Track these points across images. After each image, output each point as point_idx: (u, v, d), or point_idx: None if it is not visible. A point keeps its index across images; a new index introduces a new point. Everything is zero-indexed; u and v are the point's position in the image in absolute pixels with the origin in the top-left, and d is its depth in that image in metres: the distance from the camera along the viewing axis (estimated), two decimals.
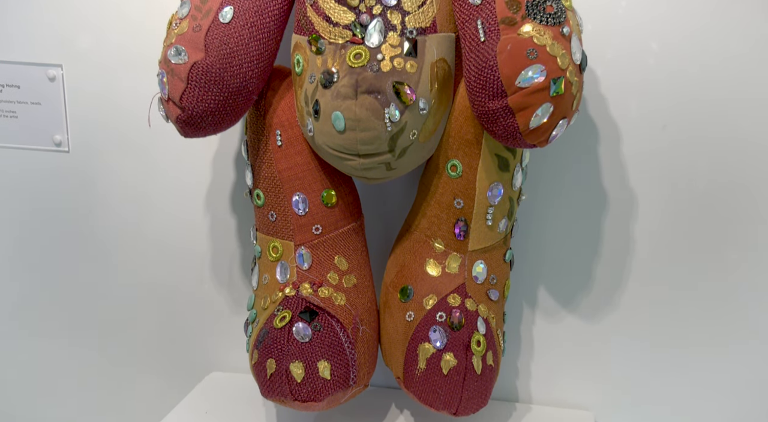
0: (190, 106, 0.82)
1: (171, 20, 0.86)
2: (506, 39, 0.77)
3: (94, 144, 1.12)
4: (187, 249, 1.15)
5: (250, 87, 0.85)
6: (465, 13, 0.81)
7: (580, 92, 0.80)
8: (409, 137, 0.83)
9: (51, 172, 1.14)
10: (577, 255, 1.07)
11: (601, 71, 1.00)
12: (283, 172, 0.90)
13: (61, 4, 1.07)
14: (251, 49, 0.84)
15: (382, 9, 0.81)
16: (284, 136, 0.90)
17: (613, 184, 1.04)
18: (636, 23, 0.98)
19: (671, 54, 0.99)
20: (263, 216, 0.94)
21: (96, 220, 1.16)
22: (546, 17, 0.77)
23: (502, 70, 0.77)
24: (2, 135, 1.13)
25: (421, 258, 0.93)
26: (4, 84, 1.11)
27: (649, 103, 1.01)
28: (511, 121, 0.78)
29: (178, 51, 0.82)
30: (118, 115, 1.10)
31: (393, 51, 0.81)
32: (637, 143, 1.02)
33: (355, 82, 0.80)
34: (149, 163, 1.12)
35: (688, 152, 1.02)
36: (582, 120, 1.01)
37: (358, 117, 0.81)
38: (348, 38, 0.81)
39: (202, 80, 0.82)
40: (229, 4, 0.83)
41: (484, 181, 0.88)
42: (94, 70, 1.09)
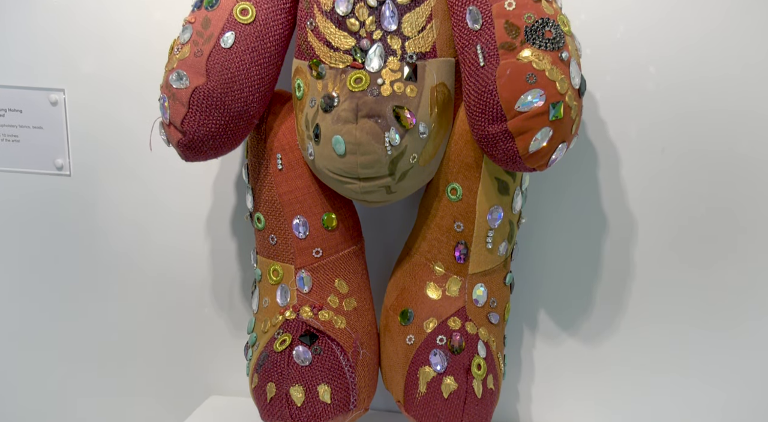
0: (191, 131, 0.83)
1: (173, 45, 0.87)
2: (505, 64, 0.78)
3: (96, 167, 1.12)
4: (187, 272, 1.15)
5: (251, 111, 0.86)
6: (464, 38, 0.82)
7: (579, 116, 0.81)
8: (409, 161, 0.84)
9: (52, 196, 1.14)
10: (577, 278, 1.07)
11: (600, 95, 1.01)
12: (283, 196, 0.91)
13: (63, 29, 1.07)
14: (252, 73, 0.84)
15: (382, 34, 0.81)
16: (285, 160, 0.90)
17: (613, 207, 1.04)
18: (634, 48, 0.99)
19: (669, 78, 0.99)
20: (264, 240, 0.94)
21: (97, 243, 1.16)
22: (545, 42, 0.78)
23: (502, 94, 0.77)
24: (4, 159, 1.14)
25: (422, 282, 0.93)
26: (6, 108, 1.11)
27: (648, 127, 1.01)
28: (510, 145, 0.78)
29: (180, 76, 0.82)
30: (120, 138, 1.10)
31: (393, 75, 0.81)
32: (636, 166, 1.03)
33: (355, 107, 0.81)
34: (150, 187, 1.12)
35: (687, 175, 1.02)
36: (581, 143, 1.02)
37: (359, 141, 0.81)
38: (348, 63, 0.82)
39: (204, 105, 0.82)
40: (231, 29, 0.83)
41: (484, 205, 0.88)
42: (95, 95, 1.09)
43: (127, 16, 1.06)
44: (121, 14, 1.06)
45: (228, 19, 0.83)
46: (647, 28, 0.99)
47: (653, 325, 1.07)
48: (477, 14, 0.80)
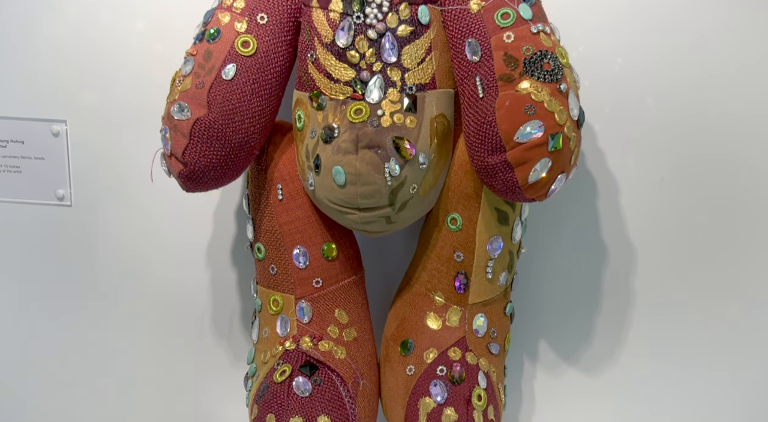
0: (192, 162, 0.83)
1: (174, 77, 0.88)
2: (504, 95, 0.78)
3: (97, 198, 1.13)
4: (187, 302, 1.15)
5: (251, 142, 0.86)
6: (464, 70, 0.83)
7: (578, 147, 0.81)
8: (409, 191, 0.84)
9: (53, 226, 1.14)
10: (577, 308, 1.07)
11: (599, 126, 1.01)
12: (284, 226, 0.91)
13: (65, 61, 1.08)
14: (253, 105, 0.85)
15: (382, 66, 0.82)
16: (285, 190, 0.91)
17: (613, 237, 1.04)
18: (632, 80, 1.00)
19: (668, 109, 1.00)
20: (264, 270, 0.94)
21: (97, 273, 1.16)
22: (543, 74, 0.78)
23: (501, 125, 0.78)
24: (6, 190, 1.14)
25: (422, 312, 0.93)
26: (8, 139, 1.12)
27: (647, 157, 1.02)
28: (510, 175, 0.79)
29: (181, 107, 0.83)
30: (121, 169, 1.11)
31: (393, 107, 0.82)
32: (635, 196, 1.03)
33: (355, 137, 0.81)
34: (151, 217, 1.12)
35: (686, 205, 1.02)
36: (580, 173, 1.02)
37: (359, 171, 0.81)
38: (349, 94, 0.83)
39: (205, 136, 0.83)
40: (232, 61, 0.84)
41: (484, 235, 0.88)
42: (97, 126, 1.10)
43: (129, 48, 1.06)
44: (124, 46, 1.07)
45: (229, 52, 0.84)
46: (645, 61, 0.99)
47: (654, 355, 1.07)
48: (476, 46, 0.81)
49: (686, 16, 0.98)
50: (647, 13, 0.99)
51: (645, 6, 0.98)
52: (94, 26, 1.07)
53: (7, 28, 1.08)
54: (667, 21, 0.99)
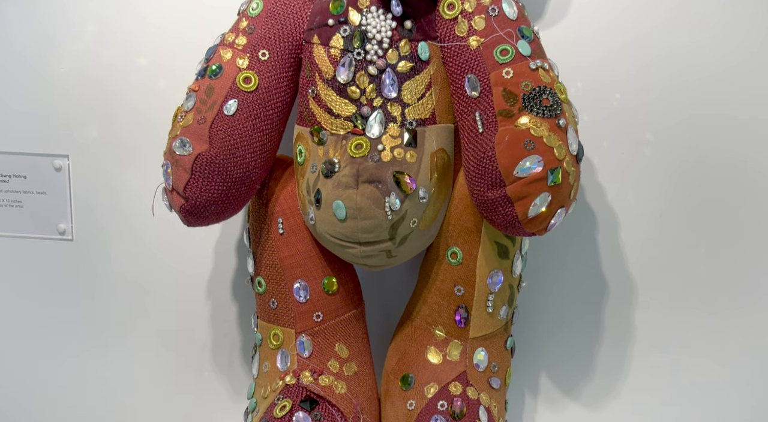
0: (193, 196, 0.84)
1: (176, 113, 0.88)
2: (504, 130, 0.79)
3: (98, 232, 1.13)
4: (187, 336, 1.15)
5: (252, 177, 0.87)
6: (463, 105, 0.84)
7: (577, 182, 0.82)
8: (410, 225, 0.84)
9: (54, 261, 1.15)
10: (578, 342, 1.07)
11: (598, 160, 1.02)
12: (284, 260, 0.91)
13: (68, 96, 1.09)
14: (254, 140, 0.85)
15: (382, 101, 0.83)
16: (286, 224, 0.91)
17: (613, 271, 1.04)
18: (631, 115, 1.01)
19: (666, 144, 1.01)
20: (264, 304, 0.94)
21: (97, 307, 1.15)
22: (542, 110, 0.79)
23: (500, 160, 0.78)
24: (7, 224, 1.14)
25: (422, 346, 0.93)
26: (10, 174, 1.12)
27: (646, 191, 1.02)
28: (509, 210, 0.79)
29: (183, 143, 0.83)
30: (122, 203, 1.11)
31: (393, 141, 0.82)
32: (635, 231, 1.03)
33: (356, 172, 0.82)
34: (151, 251, 1.12)
35: (686, 240, 1.02)
36: (580, 208, 1.03)
37: (359, 206, 0.82)
38: (349, 129, 0.83)
39: (206, 171, 0.83)
40: (234, 97, 0.85)
41: (484, 268, 0.89)
42: (99, 160, 1.10)
43: (132, 84, 1.07)
44: (126, 82, 1.07)
45: (231, 87, 0.85)
46: (643, 96, 1.00)
47: (655, 390, 1.06)
48: (475, 82, 0.82)
49: (684, 52, 0.99)
50: (645, 49, 1.00)
51: (643, 42, 0.99)
52: (96, 62, 1.07)
53: (10, 64, 1.09)
54: (665, 57, 0.99)
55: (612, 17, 0.99)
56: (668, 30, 0.99)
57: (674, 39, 0.99)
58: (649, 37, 0.99)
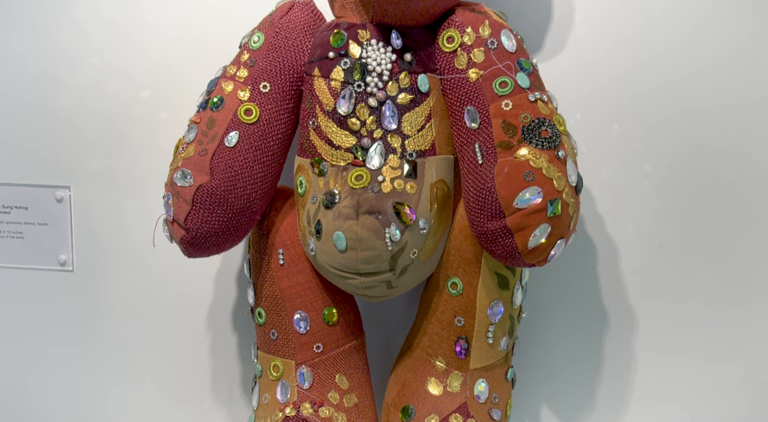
0: (194, 228, 0.84)
1: (178, 144, 0.89)
2: (503, 162, 0.79)
3: (98, 263, 1.13)
4: (187, 367, 1.14)
5: (253, 208, 0.87)
6: (463, 137, 0.84)
7: (576, 213, 0.82)
8: (410, 256, 0.84)
9: (55, 292, 1.15)
10: (579, 373, 1.07)
11: (597, 191, 1.02)
12: (285, 291, 0.91)
13: (70, 127, 1.09)
14: (255, 171, 0.86)
15: (382, 133, 0.83)
16: (286, 255, 0.91)
17: (613, 302, 1.04)
18: (629, 146, 1.01)
19: (665, 175, 1.01)
20: (264, 335, 0.94)
21: (97, 338, 1.15)
22: (541, 141, 0.79)
23: (500, 191, 0.78)
24: (8, 256, 1.14)
25: (423, 377, 0.93)
26: (12, 205, 1.13)
27: (646, 223, 1.02)
28: (509, 241, 0.79)
29: (184, 174, 0.84)
30: (123, 234, 1.11)
31: (393, 173, 0.83)
32: (634, 262, 1.03)
33: (356, 203, 0.82)
34: (152, 282, 1.12)
35: (685, 271, 1.03)
36: (580, 239, 1.03)
37: (360, 237, 0.82)
38: (349, 160, 0.84)
39: (207, 202, 0.83)
40: (235, 129, 0.85)
41: (485, 299, 0.89)
42: (101, 192, 1.11)
43: (134, 116, 1.08)
44: (128, 114, 1.08)
45: (232, 119, 0.85)
46: (642, 127, 1.01)
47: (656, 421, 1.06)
48: (475, 114, 0.82)
49: (682, 84, 1.00)
50: (643, 81, 1.00)
51: (641, 74, 1.00)
52: (99, 95, 1.08)
53: (13, 95, 1.10)
54: (664, 89, 1.00)
55: (610, 49, 1.00)
56: (666, 62, 1.00)
57: (672, 71, 1.00)
58: (647, 69, 1.00)
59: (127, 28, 1.07)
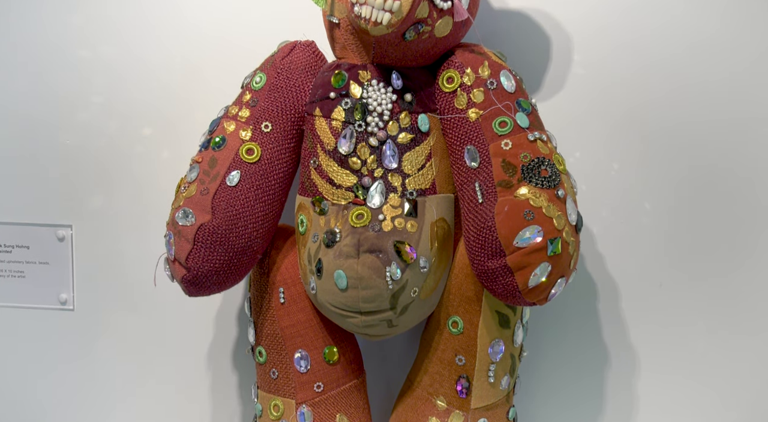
0: (195, 267, 0.84)
1: (180, 184, 0.89)
2: (503, 201, 0.80)
3: (99, 302, 1.13)
4: (188, 406, 1.14)
5: (254, 247, 0.87)
6: (463, 176, 0.85)
7: (577, 252, 0.82)
8: (411, 294, 0.84)
9: (55, 331, 1.14)
10: (580, 412, 1.06)
11: (597, 229, 1.02)
12: (285, 329, 0.91)
13: (73, 166, 1.10)
14: (256, 210, 0.86)
15: (383, 172, 0.84)
16: (287, 294, 0.91)
17: (614, 340, 1.04)
18: (628, 184, 1.02)
19: (664, 213, 1.01)
20: (265, 374, 0.93)
21: (97, 377, 1.15)
22: (541, 180, 0.80)
23: (500, 230, 0.79)
24: (9, 295, 1.14)
25: (424, 416, 0.92)
26: (13, 245, 1.13)
27: (646, 260, 1.02)
28: (510, 279, 0.79)
29: (186, 213, 0.84)
30: (124, 273, 1.11)
31: (394, 211, 0.83)
32: (635, 300, 1.03)
33: (357, 242, 0.82)
34: (152, 320, 1.12)
35: (686, 310, 1.03)
36: (580, 277, 1.03)
37: (360, 275, 0.82)
38: (350, 199, 0.84)
39: (208, 241, 0.84)
40: (237, 168, 0.86)
41: (486, 338, 0.88)
42: (102, 231, 1.11)
43: (136, 155, 1.09)
44: (130, 152, 1.09)
45: (234, 159, 0.86)
46: (641, 165, 1.01)
47: None
48: (475, 153, 0.83)
49: (681, 126, 1.01)
50: (641, 120, 1.01)
51: (639, 113, 1.01)
52: (101, 133, 1.09)
53: (16, 134, 1.11)
54: (661, 127, 1.01)
55: (608, 89, 1.01)
56: (664, 101, 1.00)
57: (670, 110, 1.01)
58: (645, 108, 1.01)
59: (130, 67, 1.08)
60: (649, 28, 1.00)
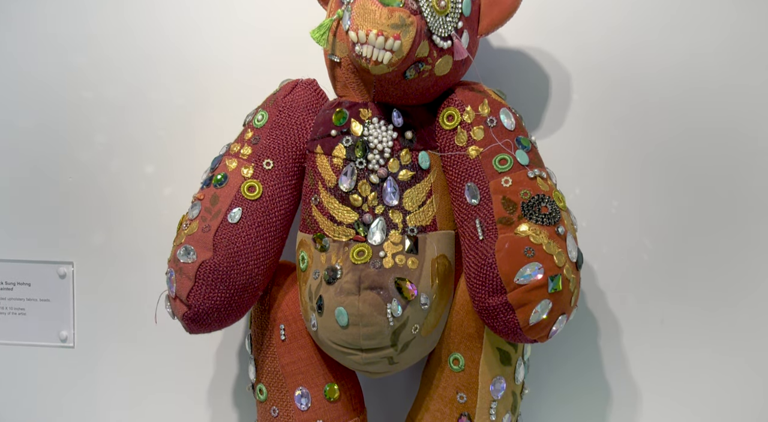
0: (196, 304, 0.84)
1: (181, 221, 0.90)
2: (504, 238, 0.80)
3: (100, 339, 1.13)
4: None
5: (255, 283, 0.87)
6: (464, 213, 0.85)
7: (577, 288, 0.82)
8: (411, 331, 0.84)
9: (55, 368, 1.14)
10: None
11: (598, 266, 1.03)
12: (286, 367, 0.91)
13: (75, 203, 1.11)
14: (258, 247, 0.86)
15: (384, 209, 0.84)
16: (288, 331, 0.91)
17: (615, 377, 1.04)
18: (628, 220, 1.02)
19: (664, 249, 1.02)
20: (265, 412, 0.93)
21: (97, 415, 1.14)
22: (541, 217, 0.80)
23: (501, 267, 0.79)
24: (9, 332, 1.14)
25: None
26: (15, 282, 1.13)
27: (647, 297, 1.02)
28: (511, 317, 0.79)
29: (188, 251, 0.84)
30: (125, 310, 1.11)
31: (395, 248, 0.83)
32: (636, 337, 1.03)
33: (358, 279, 0.82)
34: (152, 357, 1.12)
35: (688, 347, 1.02)
36: (581, 314, 1.03)
37: (361, 312, 0.82)
38: (351, 236, 0.84)
39: (209, 278, 0.84)
40: (238, 205, 0.86)
41: (487, 375, 0.88)
42: (104, 268, 1.11)
43: (138, 192, 1.09)
44: (132, 189, 1.09)
45: (236, 196, 0.86)
46: (640, 202, 1.02)
47: None
48: (475, 190, 0.83)
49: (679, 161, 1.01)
50: (640, 157, 1.02)
51: (638, 150, 1.02)
52: (104, 170, 1.10)
53: (18, 172, 1.11)
54: (660, 165, 1.02)
55: (607, 126, 1.02)
56: (663, 140, 1.01)
57: (669, 148, 1.01)
58: (644, 146, 1.02)
59: (133, 106, 1.09)
60: (647, 67, 1.01)
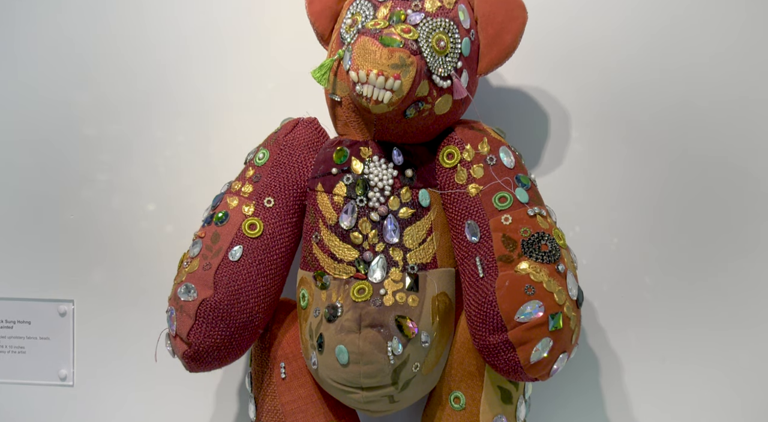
0: (196, 342, 0.84)
1: (182, 259, 0.90)
2: (504, 275, 0.80)
3: (99, 377, 1.12)
4: None
5: (256, 321, 0.87)
6: (464, 250, 0.85)
7: (578, 326, 0.82)
8: (412, 369, 0.84)
9: (54, 407, 1.13)
10: None
11: (599, 303, 1.03)
12: (286, 405, 0.90)
13: (76, 241, 1.11)
14: (258, 285, 0.86)
15: (384, 246, 0.84)
16: (288, 369, 0.91)
17: (616, 416, 1.03)
18: (628, 258, 1.02)
19: (665, 287, 1.02)
20: None
21: None
22: (541, 255, 0.80)
23: (501, 305, 0.79)
24: (8, 371, 1.14)
25: None
26: (15, 320, 1.13)
27: (648, 335, 1.02)
28: (512, 355, 0.79)
29: (188, 289, 0.84)
30: (125, 349, 1.11)
31: (395, 286, 0.83)
32: (637, 375, 1.03)
33: (358, 316, 0.82)
34: (153, 396, 1.11)
35: (689, 385, 1.02)
36: (582, 351, 1.03)
37: (362, 350, 0.82)
38: (352, 274, 0.84)
39: (210, 316, 0.84)
40: (239, 243, 0.86)
41: (488, 413, 0.88)
42: (104, 306, 1.11)
43: (140, 230, 1.10)
44: (134, 227, 1.10)
45: (237, 234, 0.87)
46: (640, 240, 1.02)
47: None
48: (475, 228, 0.84)
49: (679, 199, 1.02)
50: (640, 195, 1.02)
51: (638, 188, 1.02)
52: (106, 208, 1.10)
53: (19, 211, 1.12)
54: (661, 203, 1.02)
55: (607, 164, 1.03)
56: (663, 177, 1.02)
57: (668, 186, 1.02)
58: (644, 184, 1.02)
59: (135, 144, 1.10)
60: (647, 105, 1.02)
